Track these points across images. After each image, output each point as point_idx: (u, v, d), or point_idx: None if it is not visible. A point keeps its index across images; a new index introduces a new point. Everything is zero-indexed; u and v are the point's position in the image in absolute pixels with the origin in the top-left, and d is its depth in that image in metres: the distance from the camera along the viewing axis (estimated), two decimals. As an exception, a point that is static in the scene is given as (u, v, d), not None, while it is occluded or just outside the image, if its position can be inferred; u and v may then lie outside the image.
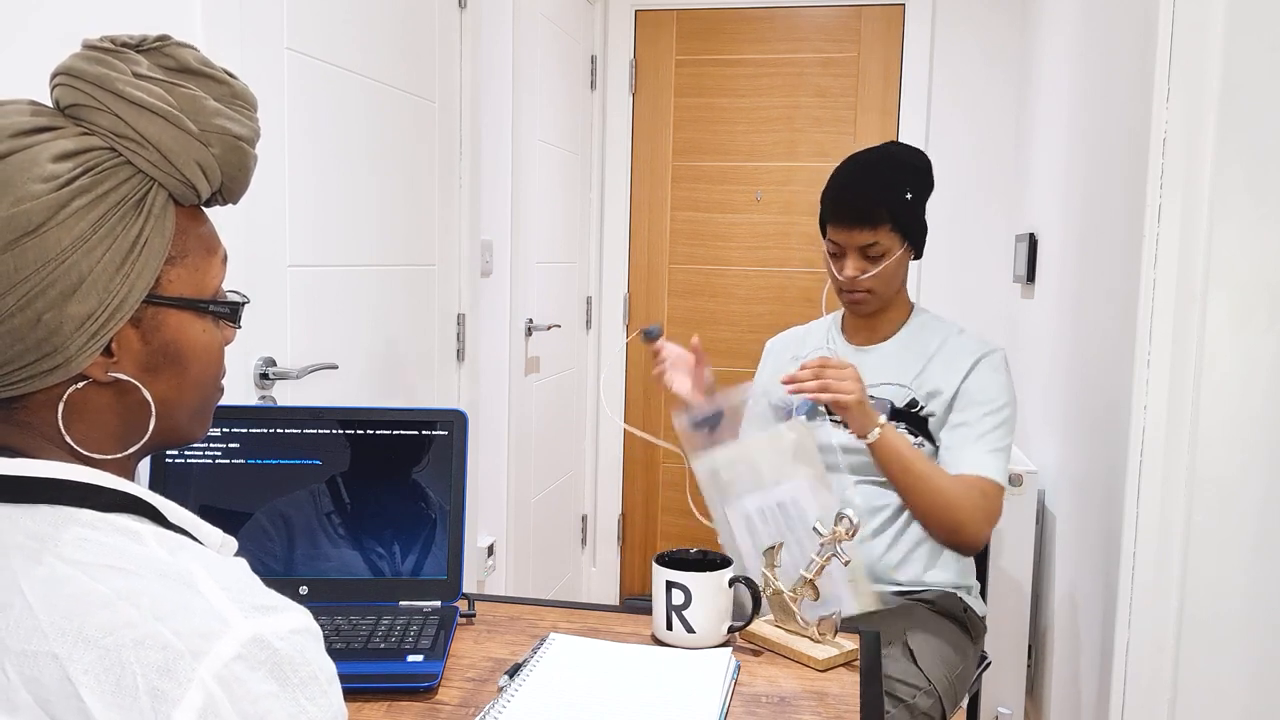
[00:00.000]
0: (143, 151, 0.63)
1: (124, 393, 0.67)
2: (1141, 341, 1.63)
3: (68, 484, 0.62)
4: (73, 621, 0.55)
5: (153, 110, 0.63)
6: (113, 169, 0.62)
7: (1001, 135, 3.13)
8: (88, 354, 0.63)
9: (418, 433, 1.27)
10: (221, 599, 0.58)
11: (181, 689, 0.54)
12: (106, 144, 0.63)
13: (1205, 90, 1.56)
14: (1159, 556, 1.64)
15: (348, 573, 1.25)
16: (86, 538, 0.59)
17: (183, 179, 0.65)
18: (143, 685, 0.54)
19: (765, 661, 1.20)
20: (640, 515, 3.52)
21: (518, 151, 2.59)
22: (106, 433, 0.67)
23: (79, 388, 0.65)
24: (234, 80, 0.69)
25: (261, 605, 0.59)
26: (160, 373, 0.68)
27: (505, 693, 1.05)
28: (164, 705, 0.53)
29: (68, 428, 0.65)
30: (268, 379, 1.57)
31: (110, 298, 0.63)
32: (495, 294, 2.56)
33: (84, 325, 0.62)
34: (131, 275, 0.63)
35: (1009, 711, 2.42)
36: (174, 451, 1.24)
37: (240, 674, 0.55)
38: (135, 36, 0.66)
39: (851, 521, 1.23)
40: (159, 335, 0.67)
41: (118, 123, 0.62)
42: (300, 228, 1.66)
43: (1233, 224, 1.57)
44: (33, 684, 0.54)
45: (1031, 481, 2.33)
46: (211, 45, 1.39)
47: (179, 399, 0.69)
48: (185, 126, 0.64)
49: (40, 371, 0.62)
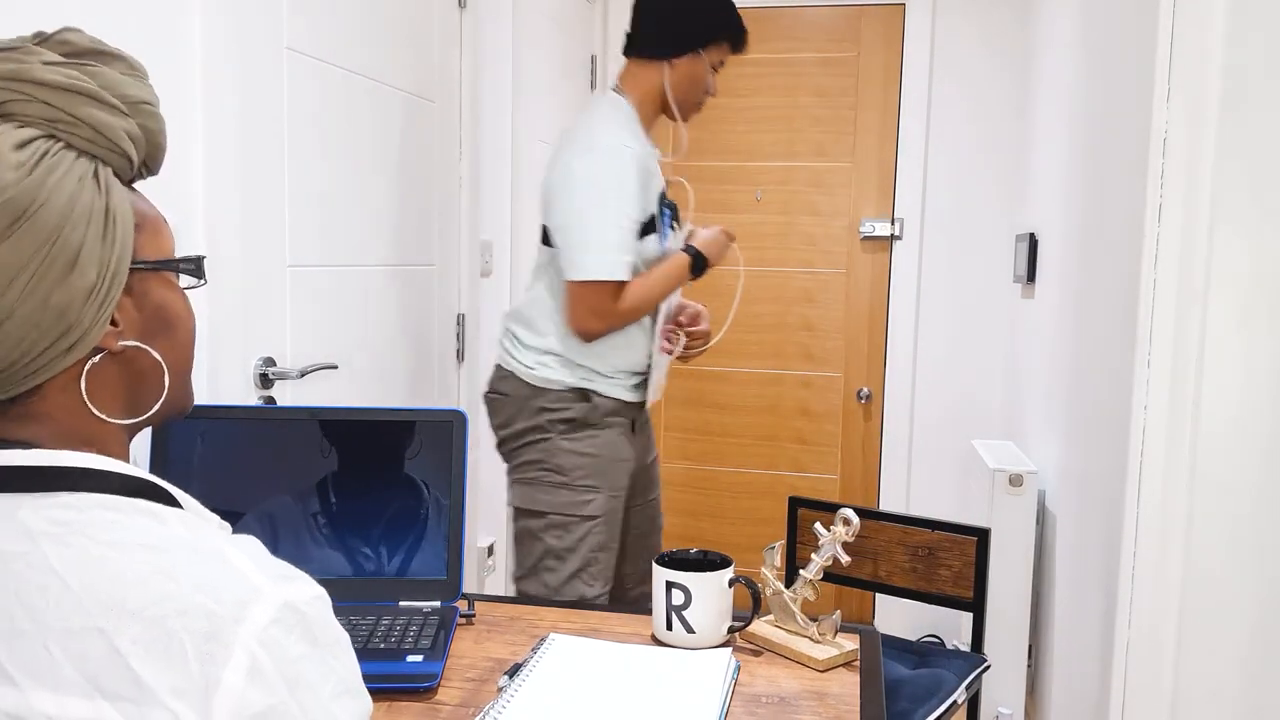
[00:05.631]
0: (79, 131, 0.64)
1: (130, 361, 0.69)
2: (1142, 341, 1.63)
3: (85, 471, 0.64)
4: (115, 596, 0.57)
5: (77, 90, 0.64)
6: (60, 153, 0.64)
7: (1002, 135, 3.13)
8: (100, 325, 0.65)
9: (418, 433, 1.27)
10: (251, 568, 0.60)
11: (228, 651, 0.56)
12: (45, 131, 0.63)
13: (1206, 90, 1.56)
14: (1159, 556, 1.64)
15: (347, 572, 1.25)
16: (113, 520, 0.61)
17: (120, 151, 0.67)
18: (191, 650, 0.56)
19: (765, 661, 1.20)
20: (640, 515, 3.52)
21: (518, 151, 2.59)
22: (120, 404, 0.70)
23: (95, 362, 0.67)
24: (124, 53, 0.70)
25: (284, 574, 0.62)
26: (157, 337, 0.71)
27: (505, 693, 1.05)
28: (213, 667, 0.56)
29: (93, 401, 0.67)
30: (268, 379, 1.57)
31: (105, 267, 0.65)
32: (495, 294, 2.56)
33: (91, 296, 0.64)
34: (115, 242, 0.65)
35: (1009, 711, 2.42)
36: (174, 451, 1.24)
37: (278, 636, 0.58)
38: (24, 36, 0.68)
39: (850, 522, 1.24)
40: (149, 300, 0.70)
41: (48, 109, 0.63)
42: (300, 228, 1.66)
43: (1233, 224, 1.57)
44: (79, 660, 0.56)
45: (1031, 481, 2.33)
46: (211, 45, 1.39)
47: (175, 362, 0.72)
48: (107, 100, 0.66)
49: (59, 352, 0.64)
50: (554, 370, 1.82)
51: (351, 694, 0.62)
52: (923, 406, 3.25)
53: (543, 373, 1.82)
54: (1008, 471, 2.34)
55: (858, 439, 3.32)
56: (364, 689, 0.64)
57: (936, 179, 3.19)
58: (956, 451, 3.23)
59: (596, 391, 1.83)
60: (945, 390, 3.23)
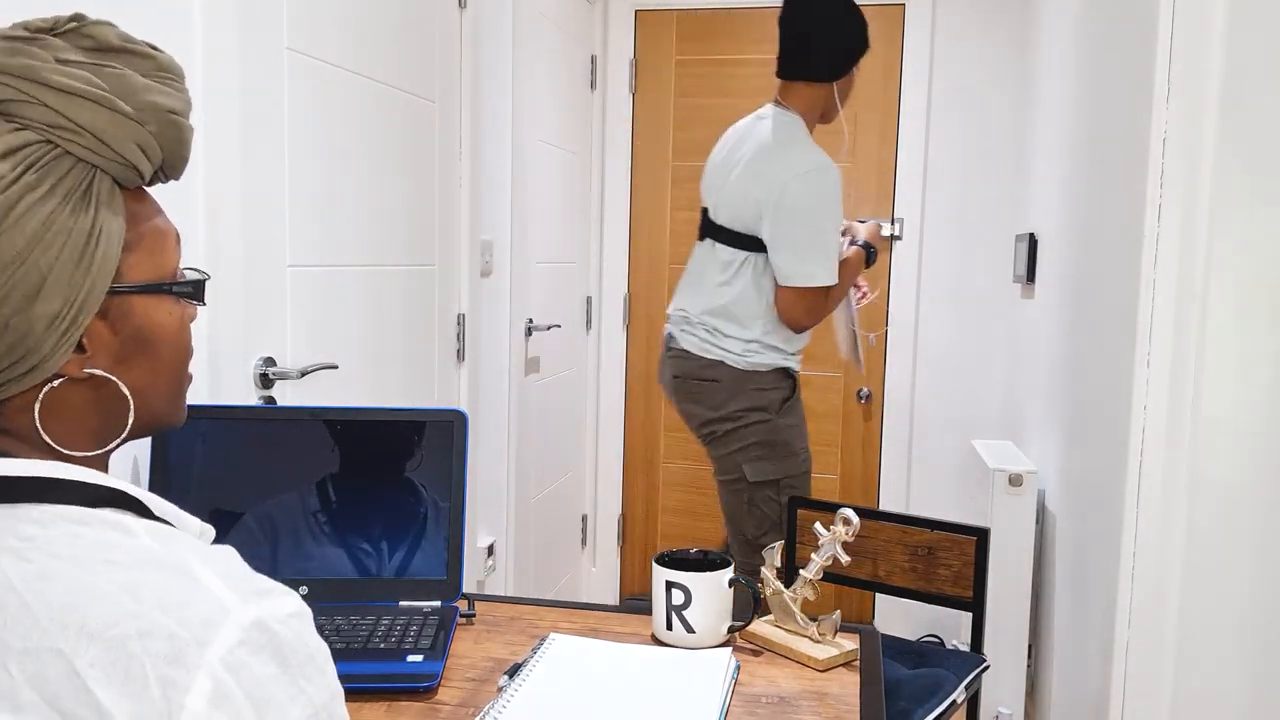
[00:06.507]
0: (79, 139, 0.62)
1: (99, 386, 0.66)
2: (1142, 341, 1.63)
3: (51, 481, 0.62)
4: (73, 615, 0.55)
5: (83, 95, 0.62)
6: (53, 162, 0.61)
7: (1002, 135, 3.13)
8: (61, 352, 0.63)
9: (417, 433, 1.27)
10: (220, 586, 0.58)
11: (190, 676, 0.54)
12: (42, 137, 0.61)
13: (1206, 90, 1.56)
14: (1159, 556, 1.64)
15: (348, 573, 1.25)
16: (78, 533, 0.59)
17: (124, 161, 0.64)
18: (152, 675, 0.54)
19: (765, 662, 1.20)
20: (640, 515, 3.52)
21: (518, 151, 2.59)
22: (86, 429, 0.67)
23: (55, 386, 0.65)
24: (158, 53, 0.67)
25: (257, 590, 0.59)
26: (133, 361, 0.67)
27: (505, 693, 1.05)
28: (175, 693, 0.54)
29: (45, 427, 0.65)
30: (268, 379, 1.57)
31: (75, 293, 0.62)
32: (495, 294, 2.56)
33: (53, 324, 0.62)
34: (92, 268, 0.63)
35: (1009, 712, 2.42)
36: (174, 451, 1.24)
37: (244, 658, 0.56)
38: (49, 20, 0.65)
39: (850, 522, 1.24)
40: (127, 324, 0.66)
41: (49, 113, 0.61)
42: (300, 228, 1.66)
43: (1233, 224, 1.57)
44: (38, 681, 0.54)
45: (1031, 481, 2.33)
46: (211, 45, 1.39)
47: (154, 385, 0.69)
48: (118, 108, 0.63)
49: (15, 375, 0.62)
50: (762, 355, 2.14)
51: (322, 716, 0.60)
52: (923, 406, 3.25)
53: (753, 359, 2.14)
54: (1007, 471, 2.34)
55: (858, 439, 3.32)
56: (340, 709, 0.62)
57: (936, 179, 3.19)
58: (956, 451, 3.23)
59: (790, 369, 2.19)
60: (945, 390, 3.23)
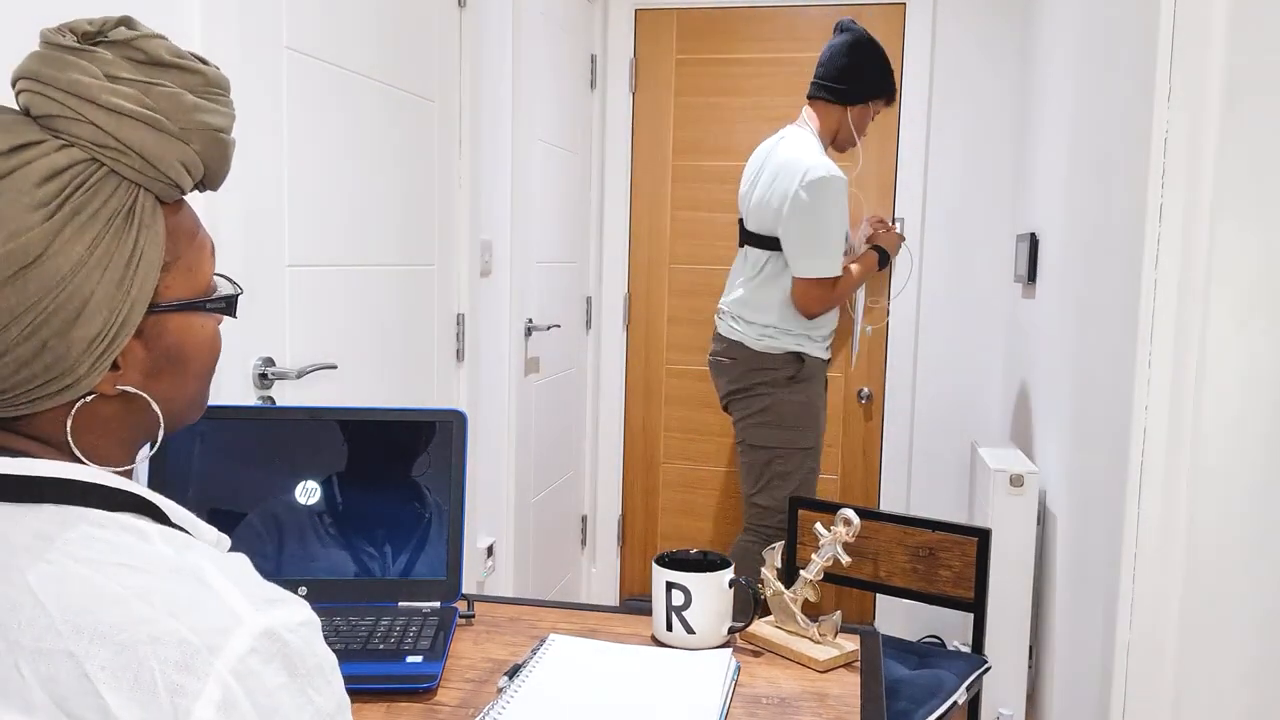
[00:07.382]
0: (125, 159, 0.62)
1: (130, 400, 0.67)
2: (1143, 341, 1.63)
3: (73, 483, 0.62)
4: (86, 619, 0.55)
5: (133, 116, 0.61)
6: (100, 182, 0.61)
7: (1002, 135, 3.13)
8: (96, 373, 0.63)
9: (417, 433, 1.27)
10: (233, 594, 0.58)
11: (200, 683, 0.54)
12: (88, 155, 0.61)
13: (1207, 89, 1.55)
14: (1160, 557, 1.63)
15: (347, 573, 1.25)
16: (95, 536, 0.59)
17: (167, 180, 0.64)
18: (161, 681, 0.54)
19: (765, 662, 1.19)
20: (640, 515, 3.52)
21: (518, 151, 2.59)
22: (115, 440, 0.67)
23: (87, 402, 0.65)
24: (207, 67, 0.67)
25: (269, 599, 0.60)
26: (163, 375, 0.68)
27: (505, 694, 1.05)
28: (183, 700, 0.54)
29: (77, 441, 0.65)
30: (267, 379, 1.57)
31: (115, 316, 0.62)
32: (495, 294, 2.56)
33: (91, 346, 0.62)
34: (133, 290, 0.63)
35: (1009, 713, 2.41)
36: (173, 451, 1.23)
37: (255, 667, 0.56)
38: (95, 23, 0.64)
39: (851, 522, 1.24)
40: (161, 341, 0.67)
41: (98, 133, 0.61)
42: (299, 227, 1.66)
43: (1234, 223, 1.57)
44: (49, 682, 0.54)
45: (1032, 481, 2.33)
46: (211, 45, 1.39)
47: (181, 394, 0.70)
48: (166, 128, 0.63)
49: (49, 393, 0.62)
50: (775, 339, 2.45)
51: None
52: (923, 406, 3.25)
53: (766, 342, 2.45)
54: (1008, 471, 2.33)
55: (858, 439, 3.32)
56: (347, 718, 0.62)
57: (937, 178, 3.18)
58: (957, 452, 3.23)
59: (806, 354, 2.45)
60: (946, 390, 3.23)
